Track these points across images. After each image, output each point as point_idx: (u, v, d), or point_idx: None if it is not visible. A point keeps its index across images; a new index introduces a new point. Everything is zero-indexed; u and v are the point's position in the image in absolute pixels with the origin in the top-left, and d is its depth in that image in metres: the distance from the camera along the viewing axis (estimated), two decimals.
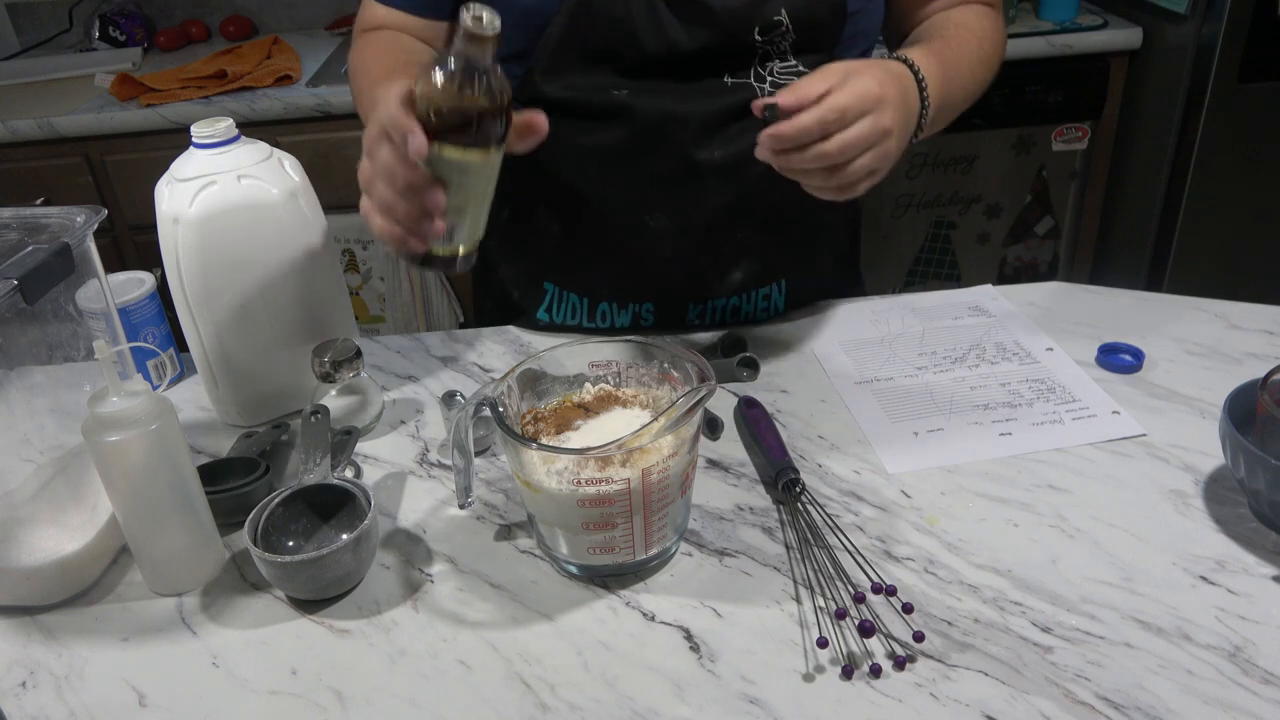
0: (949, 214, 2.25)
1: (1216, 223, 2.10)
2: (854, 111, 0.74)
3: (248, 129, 1.00)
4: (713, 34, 0.87)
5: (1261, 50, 1.90)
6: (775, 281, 1.03)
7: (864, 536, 0.73)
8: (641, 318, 1.03)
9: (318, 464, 0.76)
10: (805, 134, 0.74)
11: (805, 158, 0.75)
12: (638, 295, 1.02)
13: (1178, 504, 0.74)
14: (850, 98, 0.74)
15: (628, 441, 0.63)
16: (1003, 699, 0.59)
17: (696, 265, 0.99)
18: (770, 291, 1.03)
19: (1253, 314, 0.98)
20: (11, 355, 0.71)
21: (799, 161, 0.75)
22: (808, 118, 0.74)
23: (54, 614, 0.71)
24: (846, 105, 0.74)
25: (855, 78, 0.75)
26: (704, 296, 1.02)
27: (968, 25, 0.94)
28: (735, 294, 1.02)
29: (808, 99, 0.74)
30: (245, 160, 0.82)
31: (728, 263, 1.00)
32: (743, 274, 1.01)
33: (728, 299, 1.02)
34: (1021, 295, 1.04)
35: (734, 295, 1.02)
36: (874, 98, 0.75)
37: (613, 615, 0.68)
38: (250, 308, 0.85)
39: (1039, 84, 2.09)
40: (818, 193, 0.79)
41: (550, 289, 1.04)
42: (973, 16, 0.95)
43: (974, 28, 0.94)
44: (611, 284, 1.02)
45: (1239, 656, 0.61)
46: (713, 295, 1.02)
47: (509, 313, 1.08)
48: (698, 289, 1.01)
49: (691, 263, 0.99)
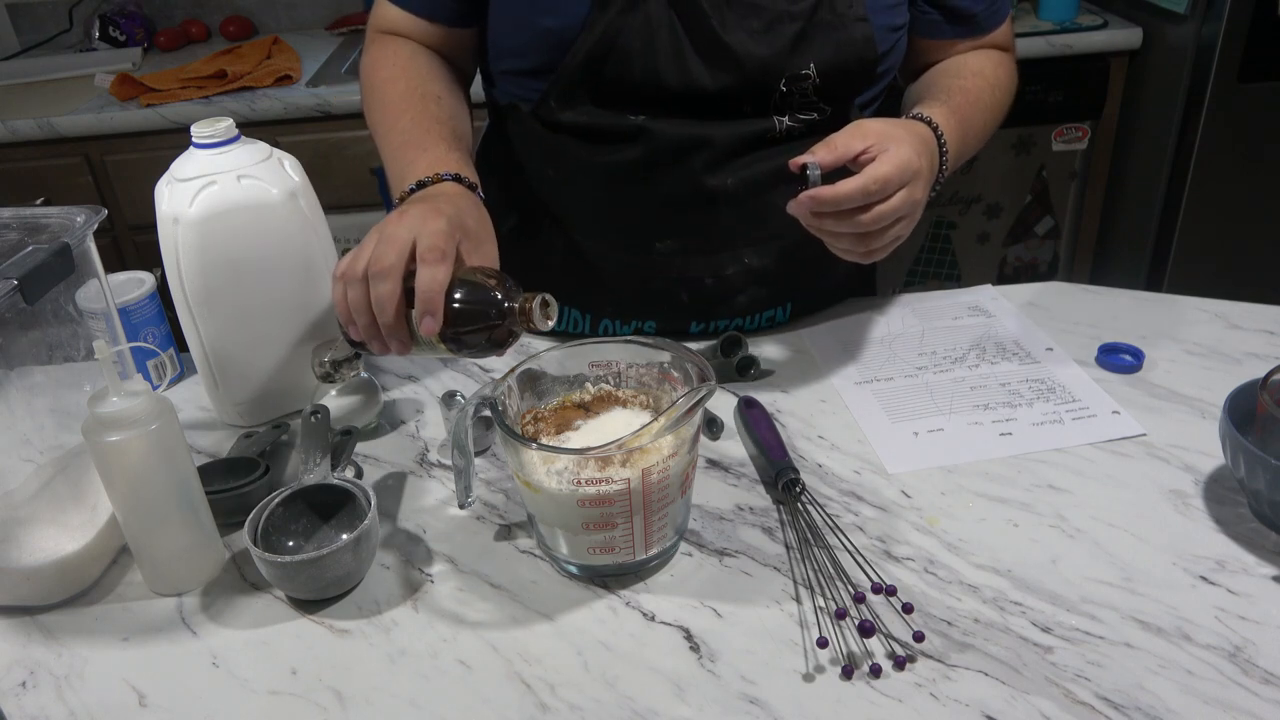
0: (949, 214, 2.25)
1: (1216, 223, 2.10)
2: (894, 183, 0.74)
3: (248, 129, 1.00)
4: (736, 78, 0.87)
5: (1261, 50, 1.90)
6: (780, 305, 1.02)
7: (864, 536, 0.73)
8: (643, 333, 1.02)
9: (318, 464, 0.76)
10: (846, 201, 0.74)
11: (840, 223, 0.75)
12: (641, 314, 1.02)
13: (1178, 504, 0.74)
14: (892, 168, 0.74)
15: (628, 441, 0.63)
16: (1003, 699, 0.59)
17: (702, 288, 0.98)
18: (775, 314, 1.02)
19: (1253, 314, 0.98)
20: (11, 355, 0.71)
21: (833, 225, 0.76)
22: (851, 187, 0.73)
23: (54, 614, 0.71)
24: (888, 176, 0.74)
25: (895, 146, 0.75)
26: (708, 317, 1.01)
27: (984, 74, 0.93)
28: (740, 315, 1.01)
29: (846, 157, 0.74)
30: (245, 160, 0.82)
31: (734, 287, 0.99)
32: (748, 298, 1.00)
33: (731, 320, 1.01)
34: (1021, 295, 1.04)
35: (738, 317, 1.01)
36: (912, 170, 0.75)
37: (613, 615, 0.68)
38: (250, 308, 0.85)
39: (1039, 84, 2.09)
40: (843, 254, 0.79)
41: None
42: (989, 64, 0.95)
43: (989, 76, 0.94)
44: (615, 304, 1.02)
45: (1239, 656, 0.61)
46: (716, 317, 1.01)
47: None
48: (702, 311, 1.01)
49: (697, 286, 0.98)
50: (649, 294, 1.00)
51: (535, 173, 0.98)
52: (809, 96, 0.89)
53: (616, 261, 0.98)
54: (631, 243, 0.96)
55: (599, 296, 1.01)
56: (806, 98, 0.89)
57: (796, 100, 0.89)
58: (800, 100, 0.89)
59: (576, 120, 0.91)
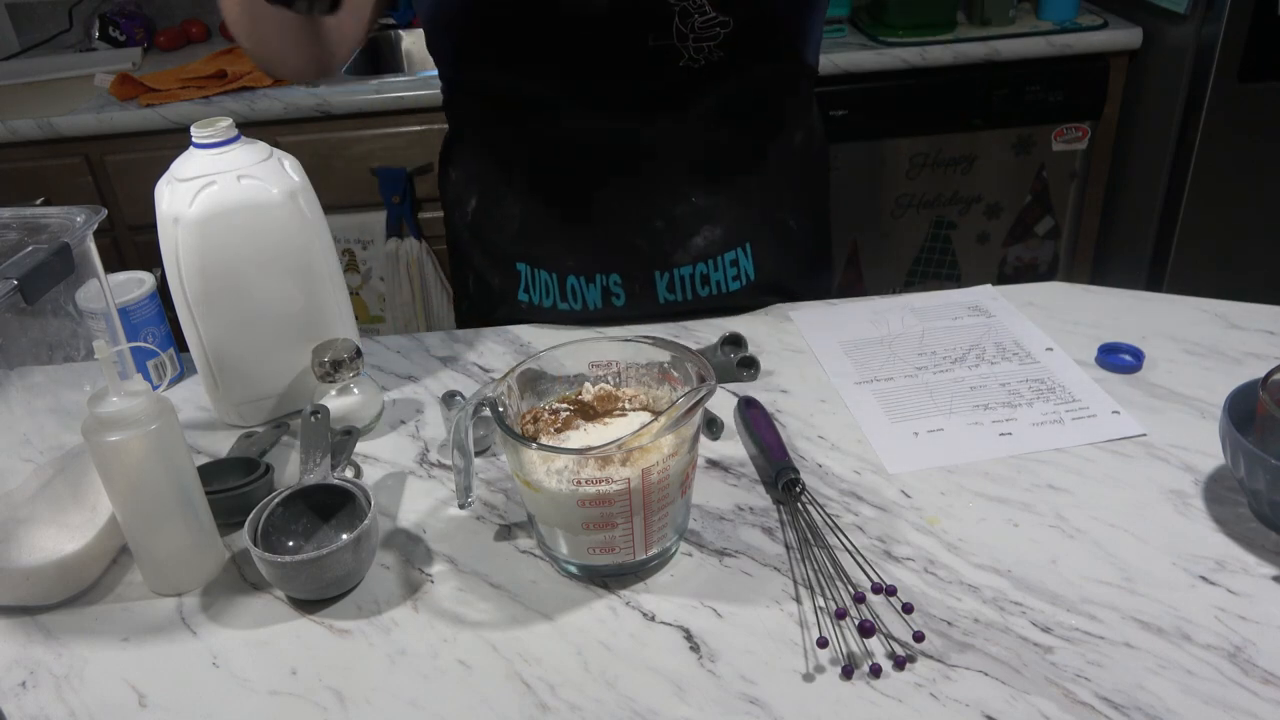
0: (949, 214, 2.25)
1: (1216, 223, 2.10)
2: None
3: (248, 129, 1.00)
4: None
5: (1261, 50, 1.91)
6: (740, 246, 1.04)
7: (864, 536, 0.73)
8: (611, 292, 1.04)
9: (318, 464, 0.76)
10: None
11: None
12: (603, 266, 1.04)
13: (1178, 504, 0.74)
14: None
15: (628, 441, 0.63)
16: (1003, 699, 0.59)
17: (655, 233, 1.01)
18: (736, 257, 1.04)
19: (1253, 314, 0.98)
20: (11, 355, 0.70)
21: None
22: None
23: (54, 614, 0.71)
24: None
25: None
26: (669, 264, 1.03)
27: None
28: (700, 260, 1.03)
29: None
30: (245, 160, 0.82)
31: (687, 229, 1.02)
32: (704, 240, 1.02)
33: (693, 266, 1.03)
34: (1021, 295, 1.04)
35: (699, 262, 1.03)
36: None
37: (613, 615, 0.68)
38: (250, 307, 0.85)
39: (1039, 84, 2.09)
40: None
41: (523, 269, 1.06)
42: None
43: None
44: (576, 257, 1.04)
45: (1239, 656, 0.61)
46: (677, 264, 1.03)
47: (491, 302, 1.10)
48: (660, 257, 1.03)
49: (650, 230, 1.01)
50: (607, 246, 1.03)
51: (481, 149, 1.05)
52: (704, 8, 0.88)
53: (566, 215, 1.02)
54: (579, 196, 1.01)
55: (559, 255, 1.04)
56: (702, 10, 0.88)
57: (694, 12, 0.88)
58: (697, 13, 0.88)
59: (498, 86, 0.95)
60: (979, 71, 2.07)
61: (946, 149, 2.17)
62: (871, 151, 2.16)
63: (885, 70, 2.06)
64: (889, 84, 2.08)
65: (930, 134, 2.15)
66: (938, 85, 2.09)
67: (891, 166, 2.18)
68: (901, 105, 2.11)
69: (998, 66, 2.07)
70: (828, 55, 2.03)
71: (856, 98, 2.09)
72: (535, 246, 1.05)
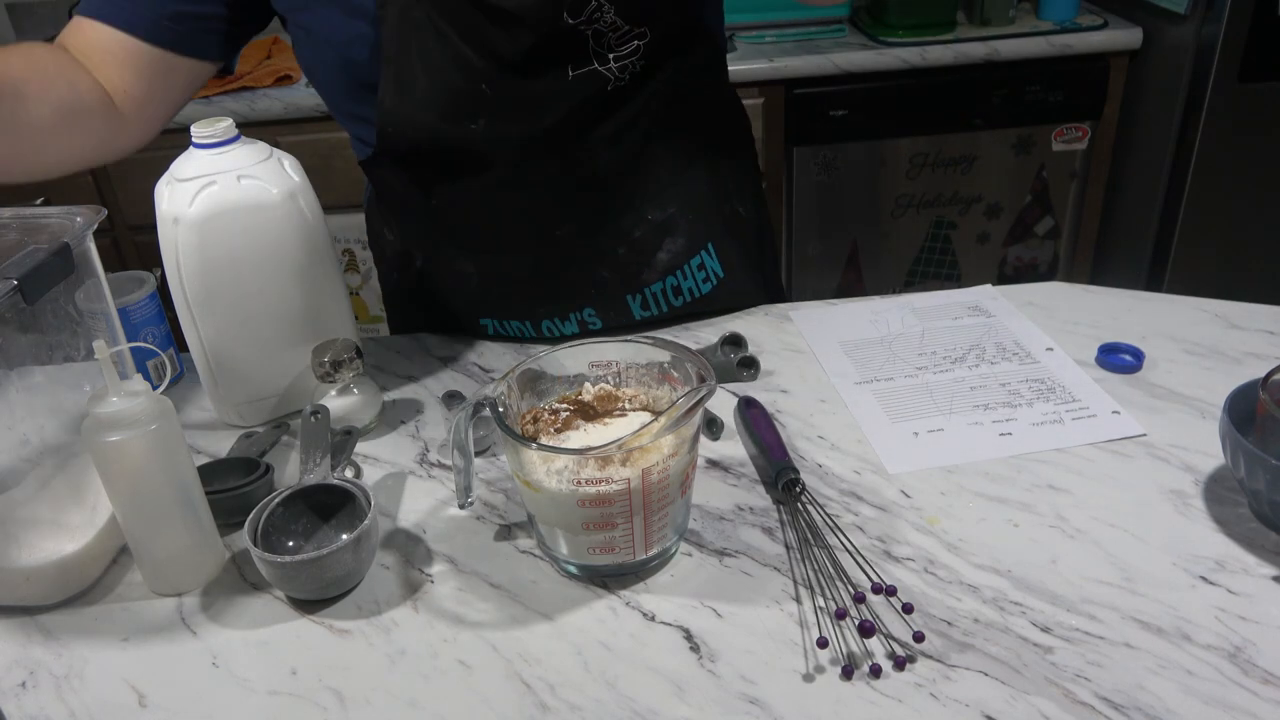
0: (949, 214, 2.25)
1: (1216, 223, 2.10)
2: None
3: (248, 129, 1.00)
4: (527, 31, 0.83)
5: (1261, 50, 1.91)
6: (703, 249, 1.02)
7: (864, 536, 0.73)
8: (586, 322, 1.02)
9: (318, 464, 0.76)
10: None
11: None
12: (575, 304, 1.01)
13: (1178, 504, 0.74)
14: None
15: (628, 441, 0.63)
16: (1003, 699, 0.59)
17: (620, 260, 0.99)
18: (702, 260, 1.02)
19: (1253, 314, 0.98)
20: (11, 355, 0.70)
21: None
22: None
23: (54, 614, 0.71)
24: None
25: None
26: (639, 285, 1.01)
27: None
28: (669, 274, 1.01)
29: None
30: (245, 160, 0.82)
31: (650, 247, 1.00)
32: (668, 253, 1.00)
33: (663, 280, 1.01)
34: (1021, 295, 1.04)
35: (668, 275, 1.01)
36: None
37: (613, 615, 0.68)
38: (250, 308, 0.85)
39: (1039, 84, 2.09)
40: None
41: (488, 323, 1.03)
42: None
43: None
44: (546, 302, 1.01)
45: (1239, 657, 0.61)
46: (646, 283, 1.01)
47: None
48: (630, 280, 1.01)
49: (615, 260, 0.99)
50: (574, 285, 1.00)
51: (418, 209, 0.99)
52: (618, 27, 0.85)
53: (527, 263, 0.99)
54: (534, 242, 0.97)
55: (528, 301, 1.01)
56: (616, 29, 0.85)
57: (608, 32, 0.85)
58: (611, 32, 0.85)
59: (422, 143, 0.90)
60: (979, 71, 2.08)
61: (946, 149, 2.17)
62: (871, 151, 2.16)
63: (885, 70, 2.06)
64: (889, 84, 2.08)
65: (930, 134, 2.15)
66: (938, 85, 2.09)
67: (891, 166, 2.18)
68: (901, 105, 2.11)
69: (998, 66, 2.07)
70: (828, 55, 2.03)
71: (856, 98, 2.09)
72: (499, 304, 1.01)
